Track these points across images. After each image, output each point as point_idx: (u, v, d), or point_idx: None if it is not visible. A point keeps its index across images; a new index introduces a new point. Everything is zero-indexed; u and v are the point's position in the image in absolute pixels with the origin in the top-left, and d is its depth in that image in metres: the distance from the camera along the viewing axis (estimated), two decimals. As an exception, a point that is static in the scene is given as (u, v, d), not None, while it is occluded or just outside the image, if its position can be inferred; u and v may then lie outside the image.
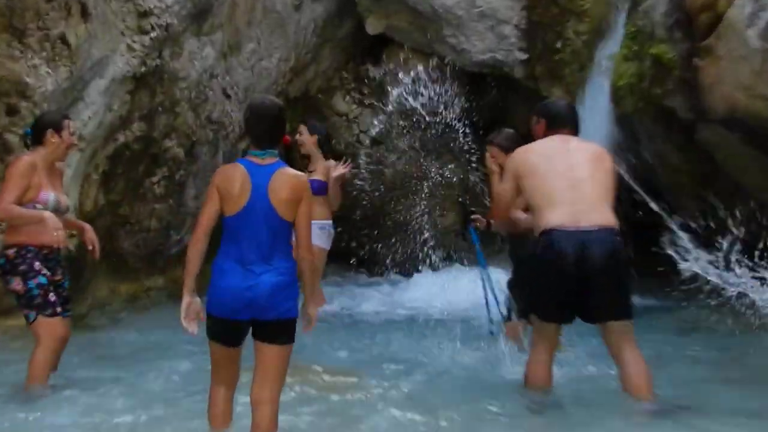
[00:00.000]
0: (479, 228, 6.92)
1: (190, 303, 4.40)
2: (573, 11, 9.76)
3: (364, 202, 10.65)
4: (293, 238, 4.51)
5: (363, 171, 10.62)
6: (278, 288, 4.38)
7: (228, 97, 9.31)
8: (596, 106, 9.12)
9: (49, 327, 5.64)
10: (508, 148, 5.91)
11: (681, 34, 7.89)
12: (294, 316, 4.44)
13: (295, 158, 8.54)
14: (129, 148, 8.46)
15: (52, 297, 5.70)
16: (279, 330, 4.41)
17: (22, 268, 5.66)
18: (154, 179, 8.85)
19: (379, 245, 10.55)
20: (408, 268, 10.56)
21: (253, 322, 4.39)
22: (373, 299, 9.71)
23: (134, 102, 8.29)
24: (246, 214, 4.40)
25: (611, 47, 9.25)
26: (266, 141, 4.51)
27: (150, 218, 8.93)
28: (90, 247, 6.01)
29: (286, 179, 4.48)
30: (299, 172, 4.60)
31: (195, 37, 8.74)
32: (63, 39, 7.31)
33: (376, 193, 10.72)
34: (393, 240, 10.61)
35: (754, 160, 7.70)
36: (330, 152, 8.20)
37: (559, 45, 9.99)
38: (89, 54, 7.60)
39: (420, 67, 10.68)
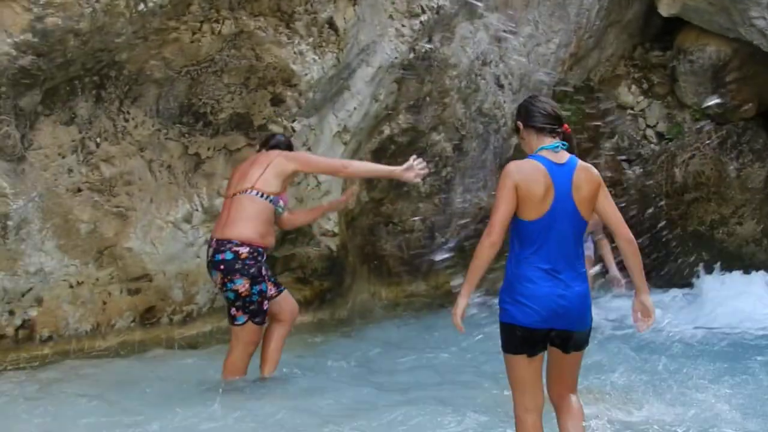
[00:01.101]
0: None
1: (467, 304, 4.39)
2: None
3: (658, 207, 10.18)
4: None
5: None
6: (586, 296, 4.39)
7: (501, 86, 9.13)
8: None
9: (255, 334, 6.19)
10: None
11: None
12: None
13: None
14: (394, 142, 8.45)
15: (265, 305, 6.20)
16: (585, 339, 4.44)
17: (253, 271, 6.09)
18: (419, 177, 8.79)
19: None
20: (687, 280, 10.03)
21: (560, 333, 4.36)
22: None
23: (401, 91, 8.27)
24: (551, 218, 4.33)
25: None
26: (556, 126, 4.44)
27: (414, 218, 8.89)
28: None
29: (585, 176, 4.41)
30: (590, 164, 4.50)
31: (468, 20, 8.62)
32: (331, 23, 7.37)
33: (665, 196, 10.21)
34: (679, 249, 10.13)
35: None
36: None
37: None
38: (357, 39, 7.64)
39: (719, 54, 10.14)
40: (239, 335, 6.17)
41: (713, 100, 10.13)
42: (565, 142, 4.44)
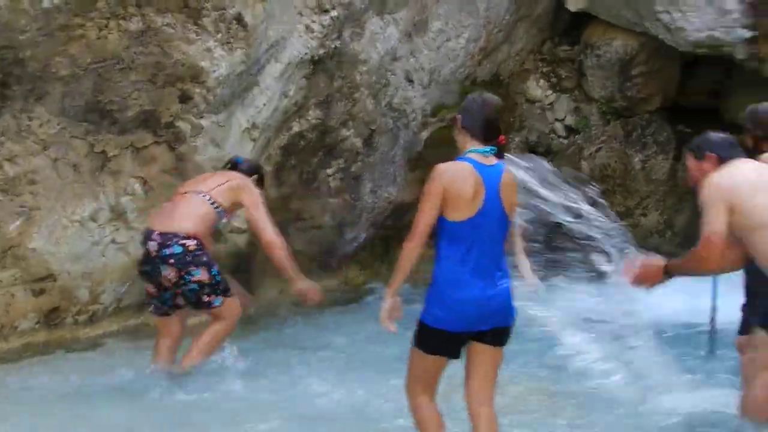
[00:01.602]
0: None
1: (395, 303, 4.61)
2: (812, -22, 9.35)
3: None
4: None
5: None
6: (511, 291, 4.64)
7: (411, 81, 9.33)
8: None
9: (235, 306, 6.62)
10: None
11: None
12: None
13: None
14: (303, 138, 8.60)
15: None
16: (509, 332, 4.70)
17: (205, 259, 6.43)
18: (329, 171, 8.96)
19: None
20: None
21: (490, 330, 4.60)
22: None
23: (311, 87, 8.42)
24: (481, 218, 4.51)
25: None
26: (492, 137, 4.63)
27: (323, 214, 9.05)
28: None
29: (510, 179, 4.65)
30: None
31: (377, 16, 8.80)
32: (239, 19, 7.49)
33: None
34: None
35: None
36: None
37: (790, 21, 9.56)
38: (266, 35, 7.77)
39: (626, 48, 10.48)
40: (223, 313, 6.55)
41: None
42: (495, 148, 4.65)
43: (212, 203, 6.59)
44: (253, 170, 7.04)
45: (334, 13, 8.26)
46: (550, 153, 10.65)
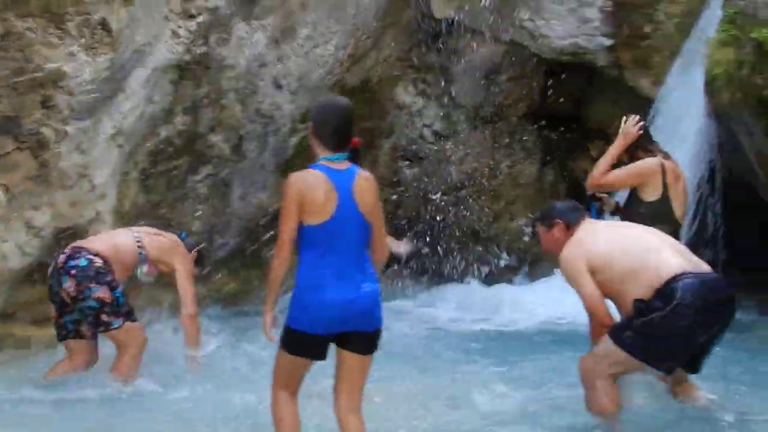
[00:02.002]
0: (604, 211, 6.99)
1: (272, 318, 4.75)
2: (664, -9, 9.80)
3: (430, 205, 10.79)
4: None
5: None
6: (377, 296, 4.74)
7: (279, 87, 9.48)
8: (688, 97, 9.13)
9: (138, 332, 6.64)
10: None
11: (787, 16, 7.89)
12: None
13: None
14: (171, 144, 8.68)
15: (131, 304, 6.72)
16: (376, 339, 4.78)
17: (108, 279, 6.48)
18: (198, 178, 9.05)
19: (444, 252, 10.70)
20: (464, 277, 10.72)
21: (352, 334, 4.69)
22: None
23: (178, 93, 8.51)
24: (336, 222, 4.65)
25: (706, 31, 9.25)
26: (343, 144, 4.75)
27: (192, 220, 9.12)
28: None
29: (366, 183, 4.77)
30: (369, 174, 4.88)
31: (244, 21, 8.93)
32: (104, 24, 7.55)
33: (441, 194, 10.83)
34: (456, 245, 10.74)
35: None
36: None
37: (648, 29, 10.00)
38: (131, 40, 7.84)
39: (491, 55, 10.83)
40: (122, 338, 6.56)
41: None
42: (348, 154, 4.79)
43: (138, 242, 6.82)
44: (193, 246, 7.31)
45: (200, 19, 8.38)
46: (419, 159, 10.94)
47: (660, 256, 5.39)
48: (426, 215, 10.77)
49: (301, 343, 4.70)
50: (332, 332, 4.67)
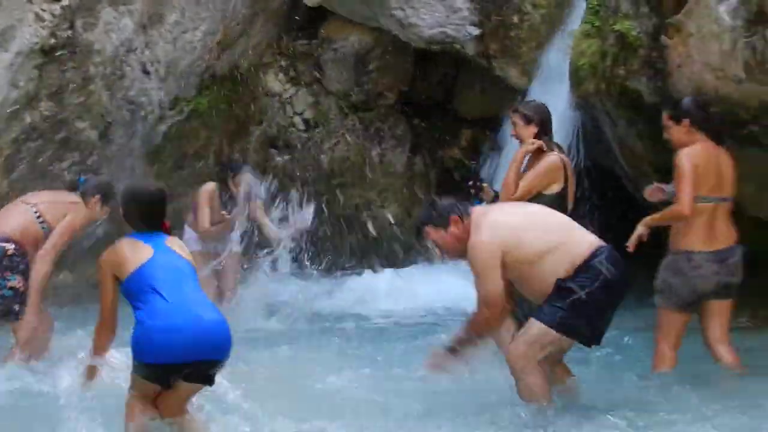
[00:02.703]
0: (483, 200, 7.09)
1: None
2: (531, -18, 10.13)
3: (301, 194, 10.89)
4: None
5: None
6: (224, 323, 4.77)
7: (147, 73, 9.47)
8: (554, 87, 9.46)
9: (46, 319, 6.64)
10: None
11: (648, 9, 8.23)
12: None
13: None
14: (36, 130, 8.61)
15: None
16: (217, 369, 4.80)
17: (23, 267, 6.40)
18: (64, 165, 8.99)
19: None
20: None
21: (200, 363, 4.69)
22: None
23: (42, 78, 8.45)
24: (155, 261, 4.71)
25: (572, 23, 9.60)
26: (154, 227, 4.82)
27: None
28: None
29: (175, 241, 4.92)
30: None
31: (112, 6, 8.91)
32: (-38, 7, 7.47)
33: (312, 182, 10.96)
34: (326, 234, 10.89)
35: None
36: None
37: (515, 19, 10.31)
38: (-7, 24, 7.77)
39: (361, 43, 11.03)
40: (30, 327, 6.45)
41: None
42: (160, 233, 4.86)
43: (37, 215, 6.60)
44: (96, 188, 6.98)
45: (65, 2, 8.35)
46: (290, 147, 11.06)
47: (575, 233, 5.53)
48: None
49: (157, 374, 4.73)
50: (181, 362, 4.68)
